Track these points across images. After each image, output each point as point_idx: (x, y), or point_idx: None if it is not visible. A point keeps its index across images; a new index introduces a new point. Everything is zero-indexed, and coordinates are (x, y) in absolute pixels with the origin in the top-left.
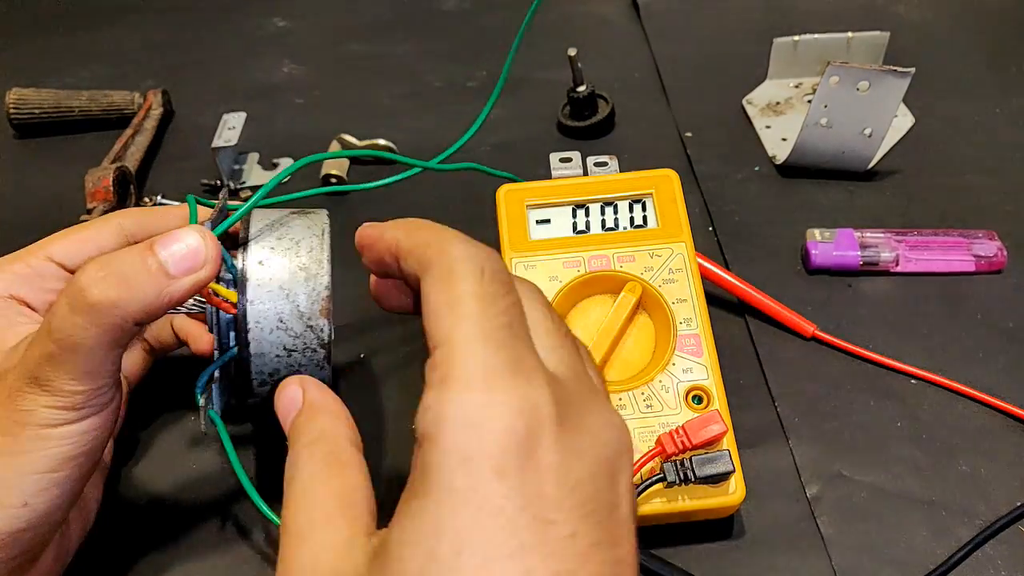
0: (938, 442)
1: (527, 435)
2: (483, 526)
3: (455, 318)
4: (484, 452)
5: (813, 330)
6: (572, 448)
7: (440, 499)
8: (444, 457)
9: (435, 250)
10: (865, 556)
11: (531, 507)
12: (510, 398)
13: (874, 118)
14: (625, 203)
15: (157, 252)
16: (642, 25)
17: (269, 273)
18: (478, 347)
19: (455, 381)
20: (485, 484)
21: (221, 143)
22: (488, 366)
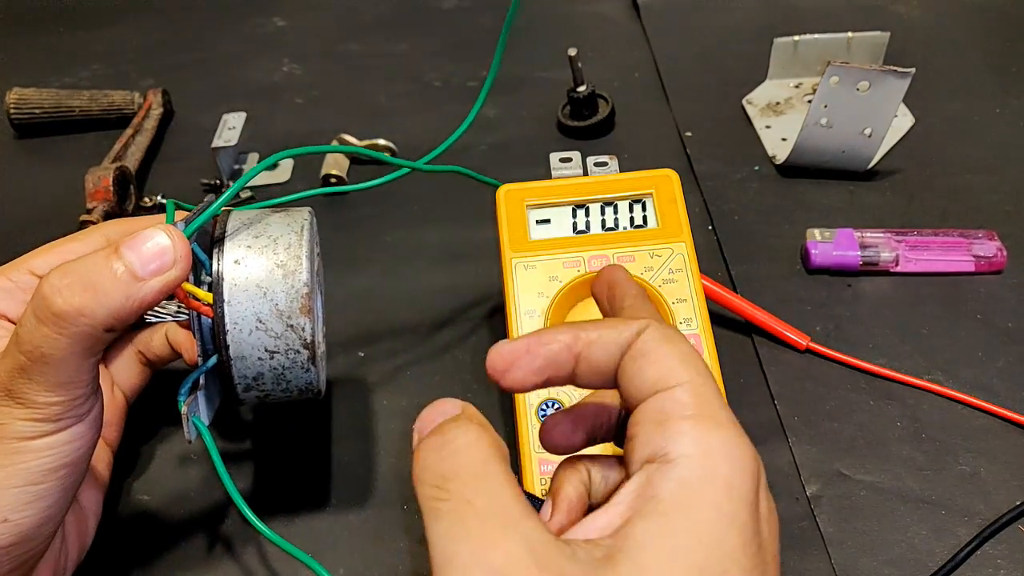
0: (938, 442)
1: (760, 483)
2: (743, 550)
3: (691, 369)
4: (745, 484)
5: (807, 343)
6: (770, 498)
7: (711, 518)
8: (711, 478)
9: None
10: (865, 555)
11: (759, 552)
12: (747, 444)
13: (874, 118)
14: (625, 203)
15: (123, 254)
16: (642, 25)
17: (245, 272)
18: (718, 398)
19: (712, 419)
20: (745, 513)
21: (221, 143)
22: (729, 414)
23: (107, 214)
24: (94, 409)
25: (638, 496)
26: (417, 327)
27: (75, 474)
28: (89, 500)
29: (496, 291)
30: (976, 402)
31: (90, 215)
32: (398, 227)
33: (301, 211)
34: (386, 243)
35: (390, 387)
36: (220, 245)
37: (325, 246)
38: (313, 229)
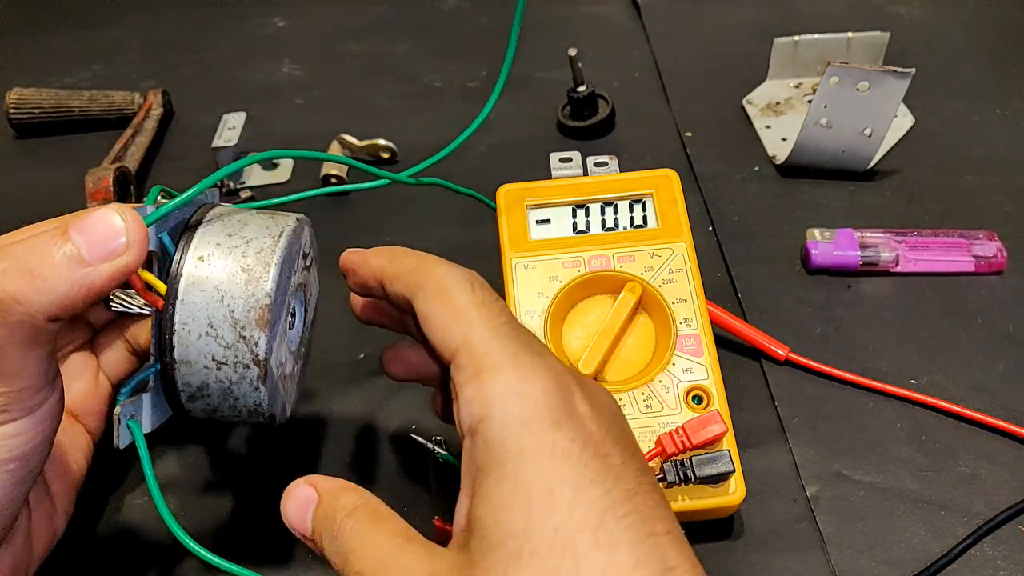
0: (937, 442)
1: (562, 393)
2: (560, 467)
3: (463, 324)
4: (537, 412)
5: (786, 353)
6: (592, 399)
7: (517, 461)
8: (504, 428)
9: (422, 273)
10: (864, 556)
11: (589, 445)
12: (538, 369)
13: (874, 118)
14: (625, 203)
15: (71, 236)
16: (642, 25)
17: (207, 271)
18: (494, 341)
19: (487, 370)
20: (549, 436)
21: (221, 143)
22: (509, 351)
23: None
24: (47, 402)
25: (468, 473)
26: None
27: (25, 468)
28: (60, 492)
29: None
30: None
31: None
32: (398, 227)
33: (288, 216)
34: (386, 243)
35: (390, 387)
36: (189, 237)
37: (325, 246)
38: (298, 238)
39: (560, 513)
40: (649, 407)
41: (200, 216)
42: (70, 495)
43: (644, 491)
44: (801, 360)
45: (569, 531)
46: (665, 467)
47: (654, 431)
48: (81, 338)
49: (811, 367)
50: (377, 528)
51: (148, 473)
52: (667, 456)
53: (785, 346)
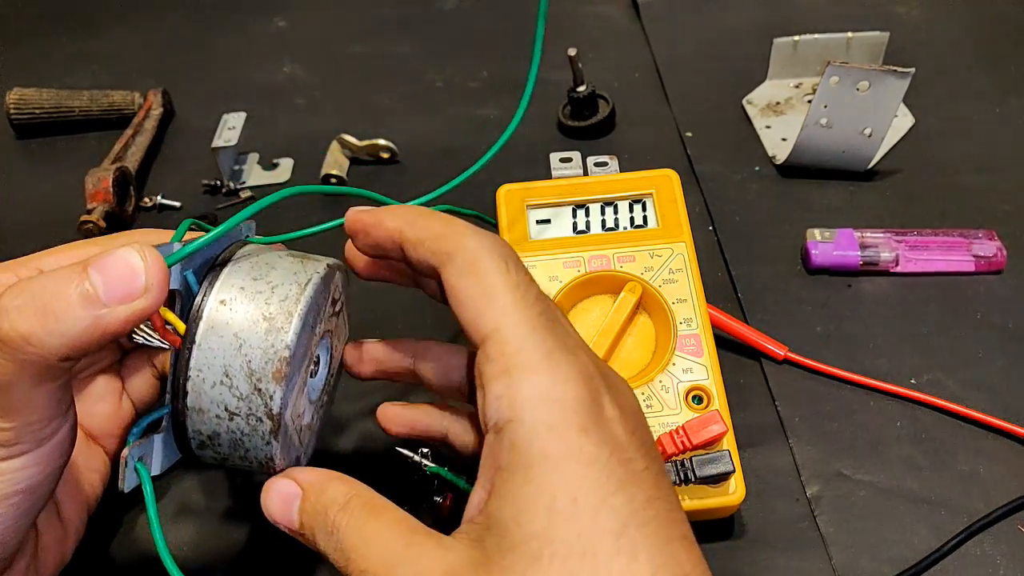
0: (937, 441)
1: (591, 398)
2: (586, 474)
3: (496, 311)
4: (566, 418)
5: (785, 353)
6: (619, 403)
7: (543, 466)
8: (531, 432)
9: (452, 242)
10: (865, 555)
11: (616, 451)
12: (571, 371)
13: (874, 118)
14: (625, 203)
15: (89, 275)
16: (642, 25)
17: (228, 316)
18: (529, 335)
19: (519, 368)
20: (576, 442)
21: (221, 143)
22: (543, 350)
23: (107, 215)
24: (57, 434)
25: (488, 467)
26: (418, 327)
27: (30, 500)
28: (72, 514)
29: None
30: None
31: (90, 216)
32: None
33: (319, 262)
34: None
35: (391, 388)
36: (213, 278)
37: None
38: (327, 285)
39: (584, 519)
40: (649, 407)
41: (229, 254)
42: (82, 517)
43: (663, 495)
44: (799, 359)
45: (592, 537)
46: (665, 467)
47: (654, 431)
48: (108, 359)
49: (809, 366)
50: (376, 521)
51: (152, 517)
52: (667, 456)
53: (783, 346)
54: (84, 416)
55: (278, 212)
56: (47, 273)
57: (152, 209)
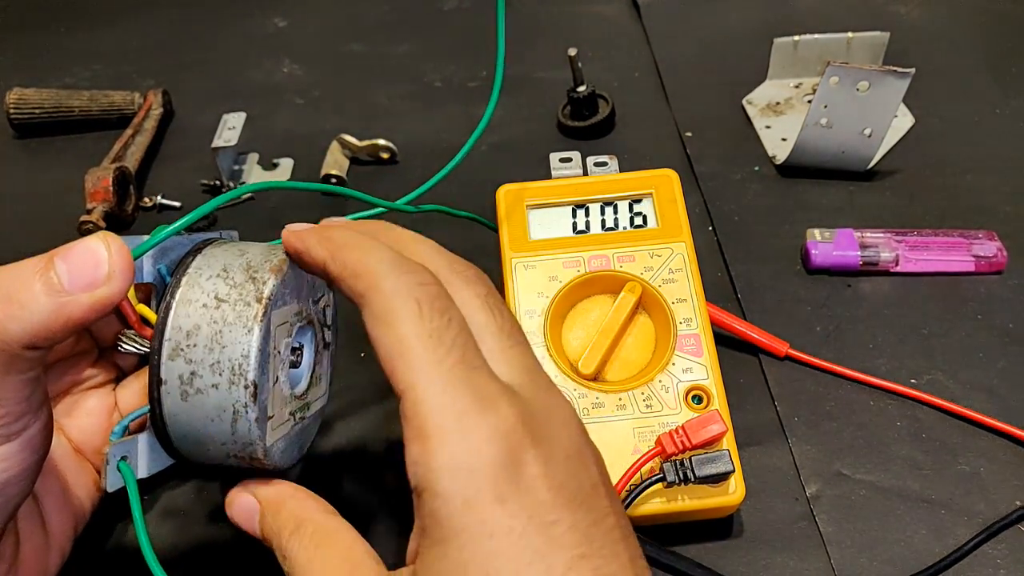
0: (938, 441)
1: (510, 459)
2: (501, 547)
3: (409, 367)
4: (480, 489)
5: (786, 350)
6: (547, 455)
7: (459, 540)
8: (447, 505)
9: (365, 284)
10: (864, 555)
11: (534, 516)
12: (485, 434)
13: (874, 118)
14: (625, 203)
15: (54, 264)
16: (642, 25)
17: (197, 298)
18: (441, 395)
19: (431, 435)
20: (491, 514)
21: (221, 143)
22: (456, 411)
23: (107, 214)
24: (28, 431)
25: (417, 522)
26: None
27: (2, 496)
28: (58, 528)
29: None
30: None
31: (90, 215)
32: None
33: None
34: None
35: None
36: (185, 266)
37: None
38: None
39: None
40: (649, 407)
41: (203, 247)
42: (68, 534)
43: (594, 551)
44: (800, 356)
45: None
46: (665, 467)
47: (654, 431)
48: (103, 376)
49: (810, 363)
50: (324, 552)
51: (137, 518)
52: (667, 456)
53: (784, 342)
54: (75, 431)
55: (278, 213)
56: (13, 264)
57: (152, 209)
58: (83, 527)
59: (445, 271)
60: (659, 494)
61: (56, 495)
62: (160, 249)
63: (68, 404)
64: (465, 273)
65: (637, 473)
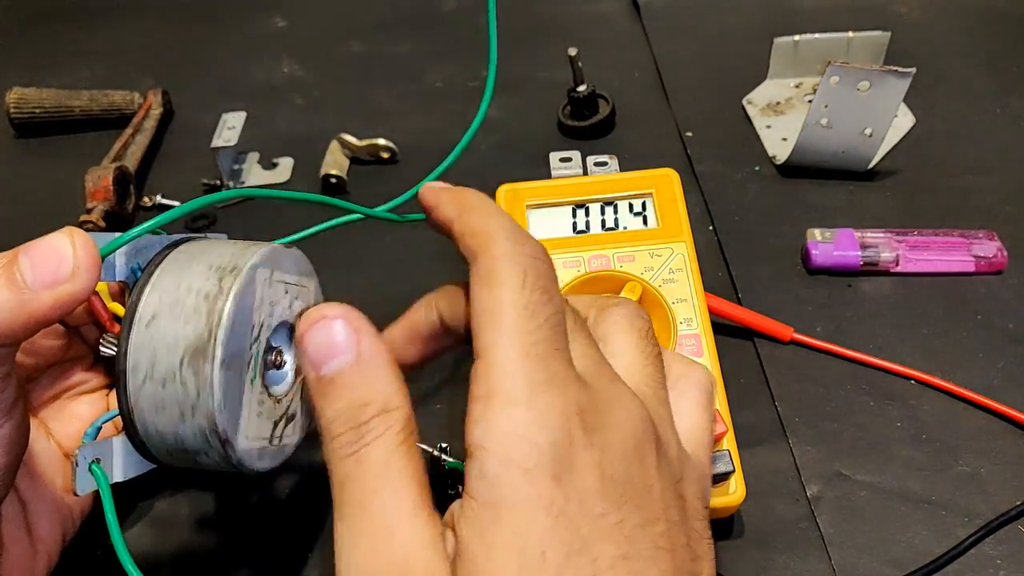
0: (938, 442)
1: (570, 440)
2: (556, 528)
3: (495, 331)
4: (540, 463)
5: (791, 335)
6: (602, 445)
7: (514, 509)
8: (506, 469)
9: (480, 243)
10: (865, 556)
11: (585, 504)
12: (552, 411)
13: (874, 118)
14: (625, 203)
15: (19, 260)
16: (642, 25)
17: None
18: (519, 363)
19: (500, 397)
20: (549, 491)
21: (221, 143)
22: (529, 382)
23: (107, 214)
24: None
25: (465, 488)
26: None
27: None
28: (46, 534)
29: None
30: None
31: (90, 215)
32: (397, 226)
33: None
34: (386, 243)
35: None
36: (155, 264)
37: (325, 245)
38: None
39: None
40: None
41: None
42: (56, 540)
43: (635, 553)
44: (806, 339)
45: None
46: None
47: None
48: (96, 381)
49: (817, 346)
50: (405, 463)
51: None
52: None
53: (788, 327)
54: (65, 437)
55: (278, 212)
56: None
57: (152, 209)
58: (72, 534)
59: None
60: None
61: (44, 500)
62: (135, 247)
63: (59, 409)
64: None
65: None
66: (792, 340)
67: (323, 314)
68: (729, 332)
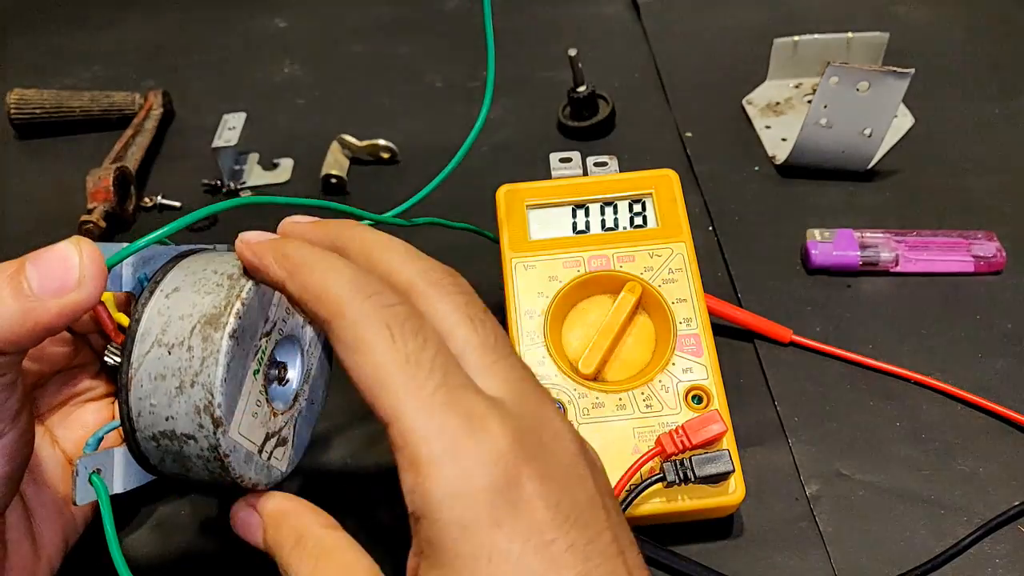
0: (937, 442)
1: (506, 481)
2: (500, 570)
3: (390, 397)
4: (477, 515)
5: (790, 336)
6: (542, 472)
7: (456, 565)
8: (444, 531)
9: (329, 310)
10: (864, 555)
11: (532, 537)
12: (478, 458)
13: (874, 118)
14: (625, 203)
15: (26, 268)
16: (642, 25)
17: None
18: (428, 423)
19: (423, 464)
20: (488, 538)
21: (221, 143)
22: (446, 437)
23: (107, 214)
24: (4, 437)
25: (415, 544)
26: None
27: None
28: (48, 541)
29: (496, 291)
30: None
31: (90, 215)
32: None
33: None
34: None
35: None
36: (161, 275)
37: None
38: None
39: None
40: (649, 407)
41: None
42: (58, 547)
43: (591, 569)
44: (805, 341)
45: None
46: (665, 467)
47: (654, 431)
48: (102, 389)
49: (816, 348)
50: (324, 565)
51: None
52: (667, 456)
53: (788, 329)
54: (70, 444)
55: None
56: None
57: (152, 209)
58: (75, 541)
59: (419, 281)
60: (659, 494)
61: (47, 507)
62: (141, 258)
63: (64, 416)
64: (440, 282)
65: (637, 473)
66: (792, 342)
67: None
68: (729, 333)
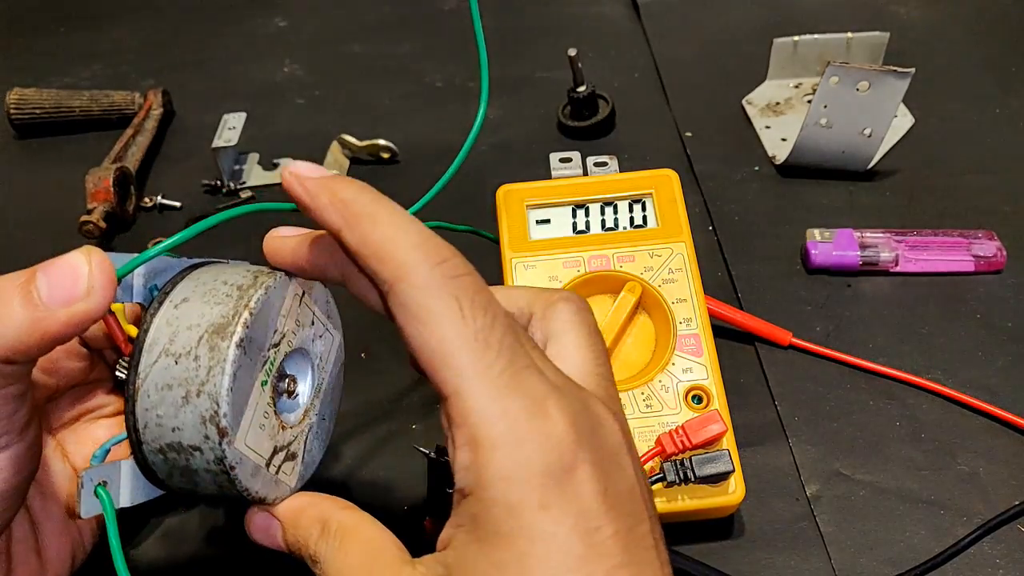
0: (937, 442)
1: (559, 467)
2: (542, 552)
3: (454, 371)
4: (527, 497)
5: (789, 339)
6: (595, 459)
7: (498, 542)
8: (491, 509)
9: (393, 273)
10: (864, 555)
11: (578, 523)
12: (538, 443)
13: (874, 118)
14: (625, 203)
15: (36, 277)
16: (642, 25)
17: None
18: (492, 404)
19: (482, 444)
20: (535, 520)
21: (221, 143)
22: (508, 419)
23: (107, 214)
24: (9, 448)
25: (454, 516)
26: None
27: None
28: (55, 556)
29: None
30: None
31: (90, 215)
32: None
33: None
34: None
35: (391, 387)
36: (171, 286)
37: None
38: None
39: None
40: (649, 407)
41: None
42: (65, 563)
43: (632, 560)
44: (804, 344)
45: None
46: (665, 467)
47: (654, 431)
48: (116, 405)
49: (815, 351)
50: (348, 545)
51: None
52: (667, 456)
53: (787, 331)
54: (80, 459)
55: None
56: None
57: (152, 209)
58: (83, 558)
59: None
60: (659, 494)
61: (55, 522)
62: (153, 269)
63: (77, 431)
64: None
65: None
66: (791, 345)
67: None
68: (729, 335)
